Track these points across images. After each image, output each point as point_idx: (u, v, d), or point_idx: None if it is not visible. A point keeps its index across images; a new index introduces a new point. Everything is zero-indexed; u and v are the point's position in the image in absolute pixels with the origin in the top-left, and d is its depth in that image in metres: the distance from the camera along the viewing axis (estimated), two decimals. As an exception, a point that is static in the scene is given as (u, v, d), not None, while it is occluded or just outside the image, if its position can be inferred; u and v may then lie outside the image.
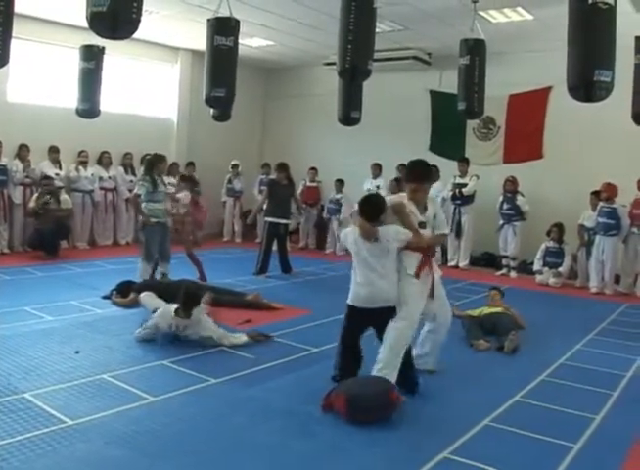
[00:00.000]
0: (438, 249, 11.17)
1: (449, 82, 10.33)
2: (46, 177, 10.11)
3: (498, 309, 6.56)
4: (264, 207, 9.53)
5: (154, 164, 8.01)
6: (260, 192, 12.83)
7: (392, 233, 4.58)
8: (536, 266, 9.90)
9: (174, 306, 5.60)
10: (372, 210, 4.67)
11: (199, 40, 8.84)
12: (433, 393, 4.65)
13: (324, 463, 3.48)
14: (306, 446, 3.67)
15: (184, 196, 8.53)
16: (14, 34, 6.33)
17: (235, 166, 12.95)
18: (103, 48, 9.08)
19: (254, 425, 3.91)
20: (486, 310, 6.59)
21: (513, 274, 10.40)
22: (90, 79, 9.13)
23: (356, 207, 4.95)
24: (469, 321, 6.33)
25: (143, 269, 7.72)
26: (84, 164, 11.00)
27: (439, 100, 11.80)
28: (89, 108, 9.15)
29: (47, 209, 9.75)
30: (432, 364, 5.02)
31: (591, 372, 5.33)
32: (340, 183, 12.07)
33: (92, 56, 9.09)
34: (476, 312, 6.62)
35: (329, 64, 11.33)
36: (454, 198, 10.89)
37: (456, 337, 5.57)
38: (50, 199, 9.81)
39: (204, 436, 3.72)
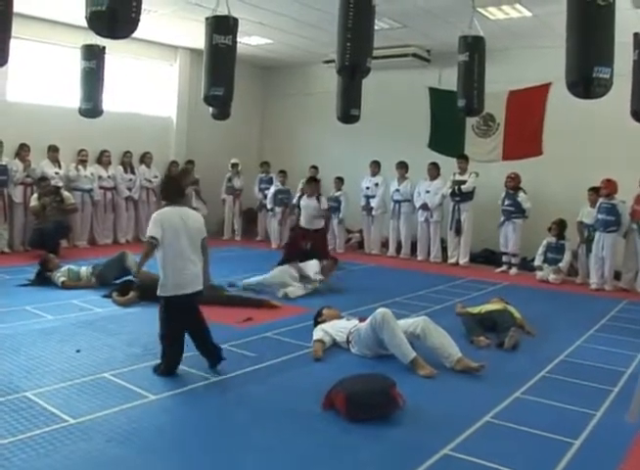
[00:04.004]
0: (438, 246, 11.24)
1: (449, 79, 10.33)
2: (43, 178, 10.12)
3: (498, 306, 6.56)
4: None
5: None
6: (260, 190, 12.88)
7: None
8: (537, 262, 9.90)
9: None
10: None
11: (197, 39, 8.84)
12: (433, 390, 4.66)
13: (325, 460, 3.49)
14: (308, 443, 3.67)
15: None
16: (13, 34, 6.34)
17: (235, 165, 12.96)
18: (104, 47, 9.08)
19: (255, 423, 3.91)
20: (487, 308, 6.60)
21: (513, 271, 10.40)
22: (92, 79, 9.14)
23: None
24: (469, 319, 6.33)
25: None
26: (84, 163, 11.02)
27: (439, 97, 11.78)
28: (92, 107, 9.16)
29: (54, 207, 9.81)
30: (457, 351, 5.11)
31: (591, 368, 5.34)
32: (339, 181, 12.07)
33: (93, 55, 9.10)
34: (476, 310, 6.62)
35: (328, 62, 11.33)
36: (453, 195, 10.89)
37: (456, 334, 5.57)
38: (54, 199, 9.87)
39: (205, 434, 3.72)
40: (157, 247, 4.66)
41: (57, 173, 10.55)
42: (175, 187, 5.02)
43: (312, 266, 8.10)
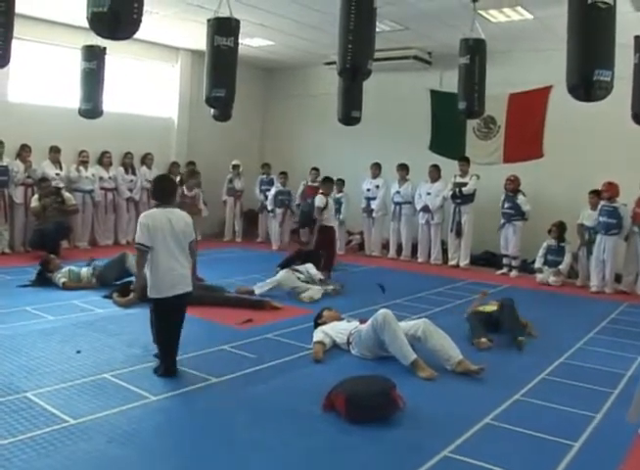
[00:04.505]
0: (438, 248, 11.24)
1: (450, 82, 10.35)
2: (43, 179, 10.13)
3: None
4: None
5: None
6: (261, 192, 12.89)
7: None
8: (537, 264, 9.91)
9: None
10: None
11: (199, 40, 8.86)
12: (433, 391, 4.66)
13: (325, 461, 3.49)
14: (308, 444, 3.68)
15: None
16: (15, 35, 6.35)
17: (236, 167, 12.97)
18: (104, 48, 9.10)
19: (256, 423, 3.92)
20: (489, 307, 6.61)
21: (513, 273, 10.40)
22: (92, 80, 9.15)
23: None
24: (473, 317, 6.30)
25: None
26: (85, 164, 11.02)
27: (440, 99, 11.80)
28: (92, 108, 9.17)
29: (55, 208, 9.83)
30: (458, 353, 5.09)
31: (591, 371, 5.34)
32: (340, 182, 12.07)
33: (94, 56, 9.11)
34: (487, 309, 6.62)
35: (329, 63, 11.34)
36: (454, 197, 10.89)
37: (457, 336, 5.56)
38: (59, 202, 9.90)
39: (205, 434, 3.73)
40: (145, 252, 4.67)
41: (58, 174, 10.56)
42: (165, 187, 5.00)
43: (312, 268, 8.15)
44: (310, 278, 8.01)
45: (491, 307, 6.61)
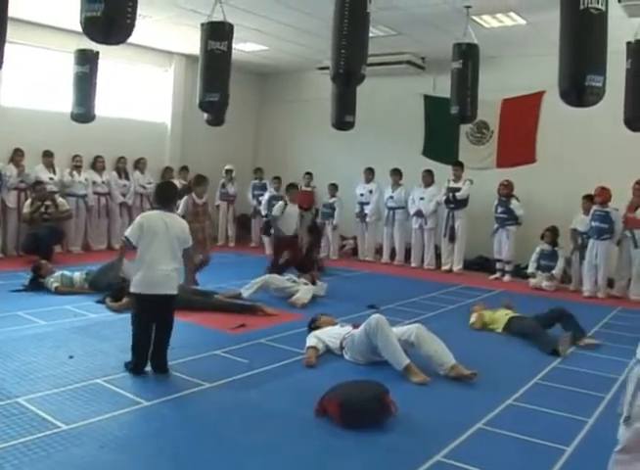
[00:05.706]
0: (432, 253, 11.26)
1: (443, 87, 10.37)
2: (38, 182, 10.10)
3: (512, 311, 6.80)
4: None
5: None
6: (254, 197, 12.89)
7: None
8: (530, 269, 9.93)
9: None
10: None
11: (193, 45, 8.86)
12: (426, 396, 4.66)
13: (318, 466, 3.49)
14: (301, 449, 3.67)
15: None
16: (8, 39, 6.32)
17: (229, 171, 12.98)
18: (97, 52, 9.10)
19: (249, 428, 3.91)
20: (499, 314, 6.73)
21: (507, 278, 10.42)
22: (85, 84, 9.16)
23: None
24: (528, 323, 6.45)
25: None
26: (78, 168, 11.00)
27: (433, 104, 11.85)
28: (84, 112, 9.17)
29: (46, 213, 9.78)
30: (451, 359, 5.09)
31: (584, 375, 5.35)
32: (333, 187, 12.09)
33: (87, 60, 9.12)
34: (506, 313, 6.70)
35: (323, 68, 11.35)
36: (448, 202, 10.92)
37: (450, 341, 5.55)
38: (47, 206, 9.85)
39: (198, 439, 3.72)
40: (129, 247, 4.82)
41: (51, 179, 10.53)
42: (164, 192, 5.16)
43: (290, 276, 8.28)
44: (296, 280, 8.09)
45: (501, 313, 6.69)
